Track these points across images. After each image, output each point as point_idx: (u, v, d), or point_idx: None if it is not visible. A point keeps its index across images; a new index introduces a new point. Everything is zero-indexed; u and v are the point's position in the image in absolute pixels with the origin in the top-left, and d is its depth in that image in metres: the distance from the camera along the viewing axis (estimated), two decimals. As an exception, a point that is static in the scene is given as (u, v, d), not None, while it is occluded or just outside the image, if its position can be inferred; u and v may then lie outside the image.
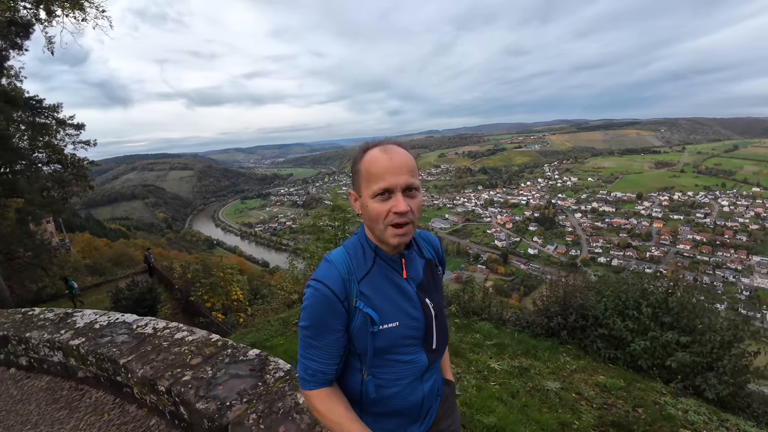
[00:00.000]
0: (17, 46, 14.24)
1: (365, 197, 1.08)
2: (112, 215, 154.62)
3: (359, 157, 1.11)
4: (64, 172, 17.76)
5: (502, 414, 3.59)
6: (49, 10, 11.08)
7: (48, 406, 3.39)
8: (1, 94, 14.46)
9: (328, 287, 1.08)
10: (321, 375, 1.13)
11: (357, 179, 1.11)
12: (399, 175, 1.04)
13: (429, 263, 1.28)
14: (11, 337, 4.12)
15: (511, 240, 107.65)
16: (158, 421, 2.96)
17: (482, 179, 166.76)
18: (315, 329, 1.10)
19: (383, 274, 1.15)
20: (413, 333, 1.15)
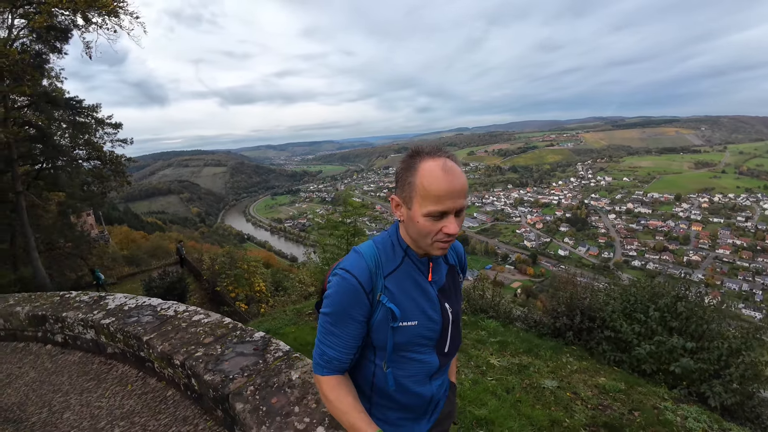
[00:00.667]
0: (56, 49, 15.27)
1: (416, 213, 1.05)
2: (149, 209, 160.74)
3: (412, 166, 1.06)
4: (103, 169, 18.81)
5: (494, 407, 3.70)
6: (86, 17, 11.79)
7: (79, 378, 3.82)
8: (43, 95, 15.49)
9: (356, 277, 1.10)
10: (336, 362, 1.15)
11: (407, 190, 1.07)
12: (457, 199, 1.03)
13: (452, 269, 1.31)
14: (49, 316, 4.60)
15: (541, 240, 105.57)
16: (174, 392, 3.32)
17: (512, 178, 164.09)
18: (337, 317, 1.11)
19: (409, 273, 1.16)
20: (429, 334, 1.17)
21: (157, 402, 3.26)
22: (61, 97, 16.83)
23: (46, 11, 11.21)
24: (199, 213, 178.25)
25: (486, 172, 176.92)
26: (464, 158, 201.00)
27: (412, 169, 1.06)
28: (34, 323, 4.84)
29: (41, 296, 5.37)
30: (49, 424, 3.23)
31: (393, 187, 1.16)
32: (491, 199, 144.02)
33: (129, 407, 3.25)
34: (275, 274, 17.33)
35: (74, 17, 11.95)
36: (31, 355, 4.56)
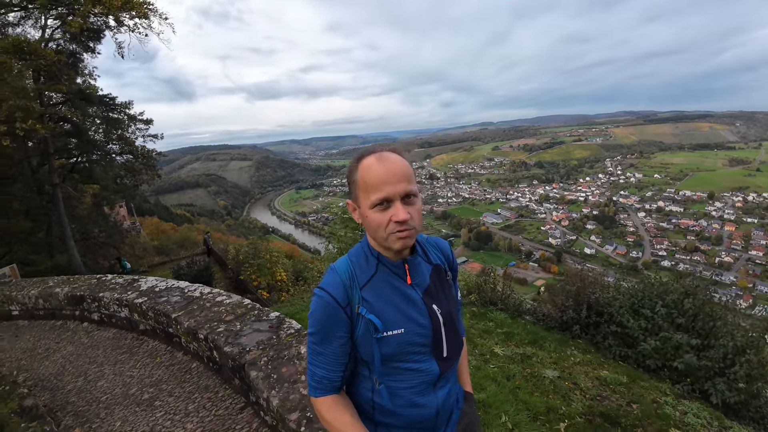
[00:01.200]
0: (90, 49, 16.18)
1: (364, 208, 1.07)
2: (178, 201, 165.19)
3: (354, 167, 1.10)
4: (135, 162, 19.68)
5: (493, 392, 3.83)
6: (118, 19, 12.39)
7: (113, 351, 4.25)
8: (78, 92, 16.39)
9: (330, 294, 1.09)
10: (327, 382, 1.14)
11: (354, 190, 1.10)
12: (396, 183, 1.03)
13: (437, 269, 1.26)
14: (87, 296, 5.06)
15: (566, 238, 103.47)
16: (198, 364, 3.69)
17: (538, 173, 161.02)
18: (320, 336, 1.11)
19: (386, 280, 1.14)
20: (420, 340, 1.13)
21: (182, 372, 3.63)
22: (95, 94, 17.76)
23: (81, 16, 11.85)
24: (225, 206, 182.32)
25: (511, 167, 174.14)
26: (488, 153, 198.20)
27: (355, 169, 1.09)
28: (72, 303, 5.32)
29: (79, 279, 5.87)
30: (84, 391, 3.65)
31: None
32: (515, 195, 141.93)
33: (158, 377, 3.63)
34: (296, 265, 17.86)
35: (107, 19, 12.56)
36: (69, 332, 5.04)
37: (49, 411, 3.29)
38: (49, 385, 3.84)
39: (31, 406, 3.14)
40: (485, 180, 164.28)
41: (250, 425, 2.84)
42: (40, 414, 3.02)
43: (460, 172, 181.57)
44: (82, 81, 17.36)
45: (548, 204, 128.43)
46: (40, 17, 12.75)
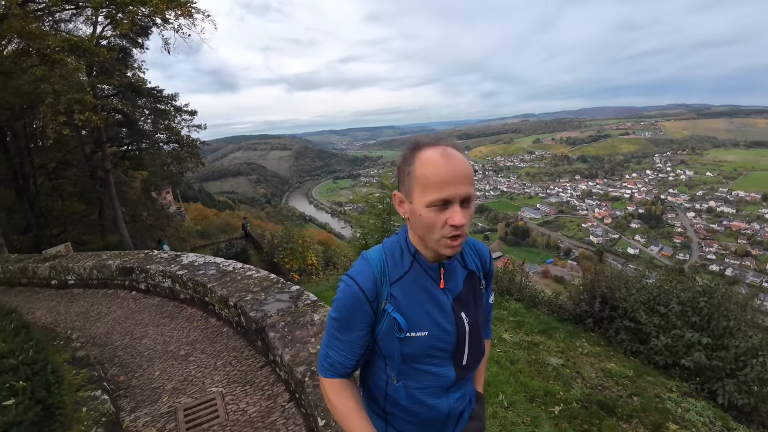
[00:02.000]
0: (138, 44, 17.37)
1: (418, 205, 1.00)
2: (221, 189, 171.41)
3: (410, 157, 1.02)
4: (180, 151, 20.96)
5: (494, 373, 3.98)
6: (164, 17, 13.22)
7: (156, 316, 4.85)
8: (128, 85, 17.64)
9: (359, 285, 1.07)
10: (339, 366, 1.14)
11: (408, 183, 1.02)
12: (459, 185, 0.97)
13: (471, 275, 1.21)
14: (135, 268, 5.70)
15: (608, 236, 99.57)
16: (228, 329, 4.20)
17: (581, 168, 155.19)
18: (341, 322, 1.10)
19: (418, 280, 1.10)
20: (443, 345, 1.11)
21: (214, 335, 4.15)
22: (144, 87, 19.08)
23: (130, 19, 12.76)
24: (265, 194, 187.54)
25: (552, 161, 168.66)
26: (529, 146, 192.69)
27: (411, 160, 1.02)
28: (122, 274, 6.00)
29: (129, 253, 6.57)
30: (130, 347, 4.26)
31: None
32: (556, 189, 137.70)
33: (193, 337, 4.17)
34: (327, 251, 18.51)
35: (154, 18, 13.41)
36: (119, 299, 5.73)
37: (98, 362, 3.87)
38: (99, 342, 4.47)
39: (82, 356, 3.71)
40: (524, 173, 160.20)
41: (267, 380, 3.30)
42: (90, 363, 3.58)
43: (499, 165, 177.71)
44: (131, 74, 18.64)
45: (590, 200, 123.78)
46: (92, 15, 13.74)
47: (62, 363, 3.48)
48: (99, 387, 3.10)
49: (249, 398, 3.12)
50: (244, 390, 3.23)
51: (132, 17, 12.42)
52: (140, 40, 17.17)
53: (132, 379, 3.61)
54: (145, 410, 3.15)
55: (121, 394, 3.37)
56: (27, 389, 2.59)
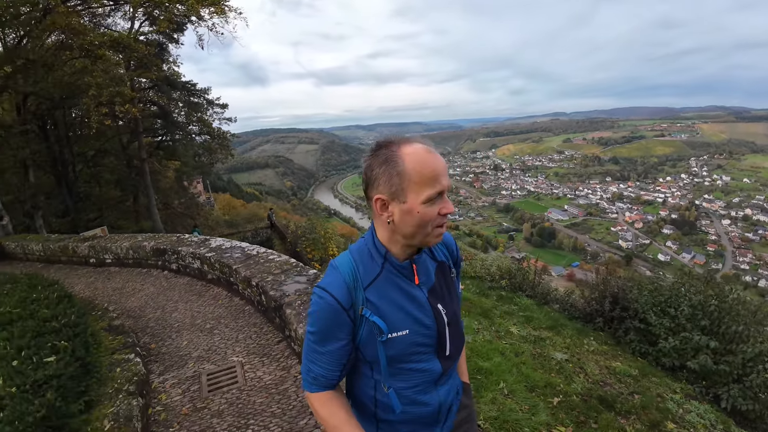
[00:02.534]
0: (174, 40, 18.19)
1: (413, 202, 0.99)
2: (249, 180, 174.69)
3: (394, 156, 1.01)
4: (212, 142, 21.89)
5: (497, 362, 4.10)
6: (198, 14, 13.80)
7: (185, 293, 5.27)
8: (164, 79, 18.51)
9: (333, 296, 1.05)
10: (323, 379, 1.12)
11: (396, 183, 1.00)
12: (446, 177, 1.02)
13: (441, 266, 1.23)
14: (168, 249, 6.15)
15: (638, 242, 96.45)
16: (250, 308, 4.55)
17: (612, 170, 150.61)
18: (319, 336, 1.08)
19: (392, 280, 1.10)
20: (425, 341, 1.11)
21: (237, 312, 4.52)
22: (179, 81, 20.05)
23: (167, 17, 13.39)
24: (291, 187, 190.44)
25: (582, 161, 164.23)
26: (559, 145, 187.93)
27: (394, 159, 1.00)
28: (156, 254, 6.46)
29: (163, 236, 7.05)
30: (161, 320, 4.68)
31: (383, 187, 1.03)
32: (585, 191, 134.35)
33: (218, 313, 4.55)
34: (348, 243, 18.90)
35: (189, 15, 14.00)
36: (152, 277, 6.19)
37: (132, 331, 4.29)
38: (134, 314, 4.92)
39: (118, 325, 4.12)
40: (553, 174, 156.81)
41: (282, 353, 3.62)
42: (124, 331, 3.99)
43: (527, 164, 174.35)
44: (167, 68, 19.56)
45: (621, 203, 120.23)
46: (129, 10, 14.45)
47: (100, 330, 3.89)
48: (132, 351, 3.48)
49: (265, 368, 3.44)
50: (261, 360, 3.56)
51: (169, 15, 13.03)
52: (176, 35, 17.98)
53: (162, 347, 4.02)
54: (173, 374, 3.53)
55: (152, 359, 3.77)
56: (68, 348, 2.96)
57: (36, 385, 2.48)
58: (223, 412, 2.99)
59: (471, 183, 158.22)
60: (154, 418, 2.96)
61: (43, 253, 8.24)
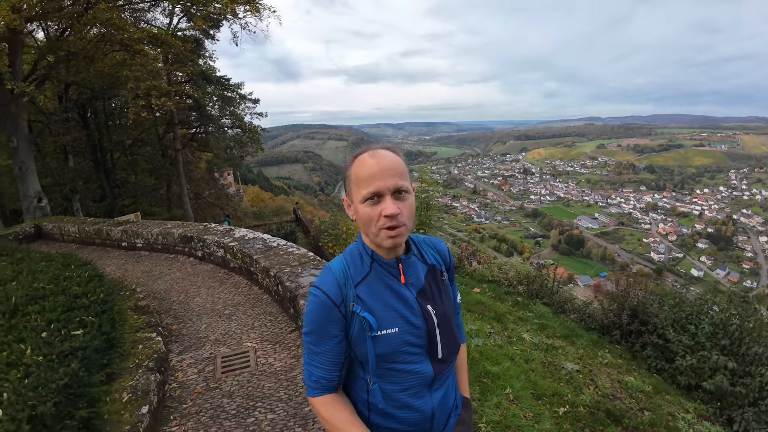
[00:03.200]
0: (210, 36, 18.82)
1: (356, 202, 1.08)
2: (278, 174, 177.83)
3: (350, 163, 1.13)
4: (243, 136, 22.59)
5: (506, 367, 4.06)
6: (234, 12, 14.19)
7: (208, 280, 5.52)
8: (200, 73, 19.29)
9: (324, 292, 1.10)
10: (324, 382, 1.15)
11: (348, 185, 1.12)
12: (387, 178, 1.05)
13: (432, 269, 1.26)
14: (195, 237, 6.41)
15: (671, 255, 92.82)
16: (267, 297, 4.73)
17: (647, 179, 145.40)
18: (315, 335, 1.12)
19: (380, 279, 1.15)
20: (415, 340, 1.14)
21: (255, 301, 4.71)
22: (213, 75, 20.81)
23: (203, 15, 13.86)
24: (319, 182, 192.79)
25: (616, 169, 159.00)
26: (592, 151, 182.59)
27: (350, 165, 1.12)
28: (183, 241, 6.75)
29: (191, 224, 7.35)
30: (183, 303, 4.94)
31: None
32: (618, 199, 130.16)
33: (237, 300, 4.76)
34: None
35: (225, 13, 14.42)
36: (178, 263, 6.48)
37: (156, 312, 4.54)
38: (159, 296, 5.20)
39: (144, 306, 4.36)
40: (585, 180, 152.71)
41: (294, 342, 3.78)
42: (149, 311, 4.23)
43: (558, 169, 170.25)
44: (203, 63, 20.29)
45: (655, 214, 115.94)
46: (168, 6, 14.98)
47: (126, 309, 4.14)
48: (155, 331, 3.69)
49: (277, 355, 3.61)
50: (273, 348, 3.74)
51: (205, 13, 13.47)
52: (212, 32, 18.63)
53: (183, 328, 4.25)
54: (190, 354, 3.75)
55: (172, 340, 4.00)
56: (95, 323, 3.19)
57: (62, 356, 2.68)
58: (233, 393, 3.16)
59: (499, 186, 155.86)
60: (170, 394, 3.16)
61: (79, 234, 8.70)
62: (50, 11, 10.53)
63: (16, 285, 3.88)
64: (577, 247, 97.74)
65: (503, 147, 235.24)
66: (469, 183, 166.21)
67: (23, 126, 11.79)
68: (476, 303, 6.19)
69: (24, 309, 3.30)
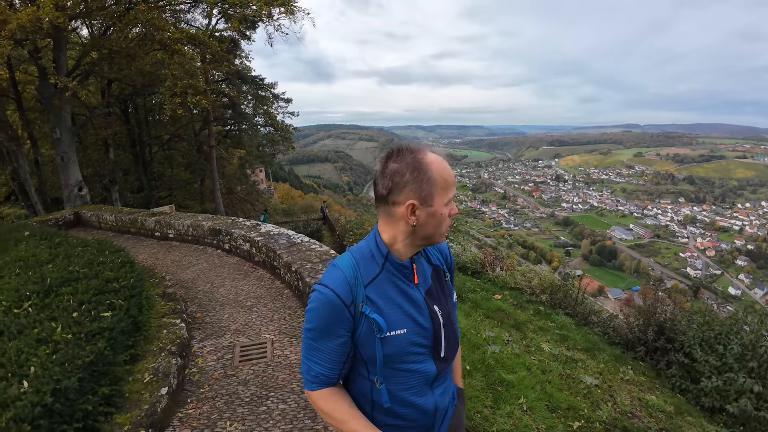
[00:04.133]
0: (246, 37, 19.37)
1: (439, 205, 1.07)
2: (308, 173, 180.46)
3: (421, 163, 1.06)
4: (275, 134, 23.18)
5: (521, 377, 3.91)
6: (270, 13, 14.53)
7: (233, 272, 5.73)
8: (235, 73, 19.87)
9: (334, 291, 1.07)
10: (323, 378, 1.13)
11: (427, 188, 1.06)
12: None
13: (436, 270, 1.27)
14: (223, 230, 6.63)
15: (709, 271, 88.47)
16: (288, 291, 4.87)
17: (686, 190, 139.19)
18: (318, 332, 1.09)
19: (391, 280, 1.14)
20: (422, 341, 1.14)
21: (276, 294, 4.86)
22: (248, 75, 21.48)
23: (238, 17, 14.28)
24: (348, 182, 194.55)
25: (654, 178, 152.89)
26: (629, 160, 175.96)
27: (423, 166, 1.06)
28: (212, 234, 6.98)
29: (220, 218, 7.62)
30: (208, 293, 5.14)
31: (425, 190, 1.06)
32: (655, 211, 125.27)
33: (259, 293, 4.92)
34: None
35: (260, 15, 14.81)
36: (206, 255, 6.73)
37: (182, 299, 4.74)
38: (186, 285, 5.44)
39: (171, 293, 4.56)
40: (620, 189, 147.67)
41: (311, 337, 3.85)
42: (175, 299, 4.43)
43: (592, 177, 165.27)
44: (239, 62, 20.93)
45: (693, 228, 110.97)
46: (207, 8, 15.48)
47: (155, 295, 4.34)
48: (179, 317, 3.87)
49: (293, 348, 3.72)
50: (290, 341, 3.85)
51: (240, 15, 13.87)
52: (248, 33, 19.20)
53: (206, 317, 4.44)
54: (211, 341, 3.91)
55: (195, 327, 4.17)
56: (123, 307, 3.37)
57: (90, 335, 2.85)
58: (248, 382, 3.28)
59: (530, 192, 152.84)
60: (189, 378, 3.31)
61: (115, 223, 9.12)
62: (93, 10, 11.03)
63: (52, 267, 4.12)
64: (609, 259, 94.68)
65: (535, 152, 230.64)
66: (499, 188, 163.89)
67: (66, 118, 12.43)
68: (496, 310, 6.12)
69: (58, 290, 3.51)
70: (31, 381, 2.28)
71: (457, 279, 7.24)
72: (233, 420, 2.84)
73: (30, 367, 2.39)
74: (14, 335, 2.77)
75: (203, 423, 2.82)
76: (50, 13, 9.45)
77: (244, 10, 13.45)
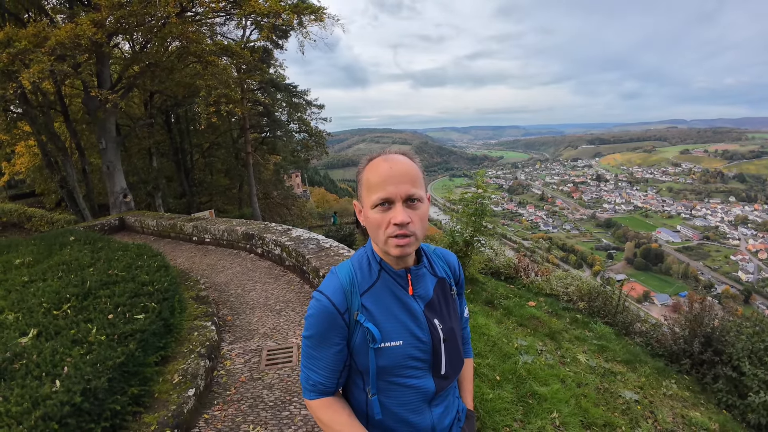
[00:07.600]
0: (278, 46, 20.12)
1: (366, 207, 1.06)
2: (343, 177, 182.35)
3: (362, 166, 1.10)
4: (309, 140, 23.85)
5: (554, 390, 3.79)
6: (301, 21, 14.82)
7: (264, 276, 5.86)
8: (269, 81, 20.62)
9: (329, 299, 1.07)
10: (321, 386, 1.12)
11: (359, 189, 1.10)
12: (399, 184, 1.01)
13: (441, 282, 1.22)
14: (255, 235, 6.79)
15: (762, 275, 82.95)
16: (316, 297, 4.93)
17: (737, 188, 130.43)
18: (315, 340, 1.09)
19: (388, 288, 1.11)
20: (419, 355, 1.10)
21: (305, 299, 4.93)
22: (282, 83, 22.12)
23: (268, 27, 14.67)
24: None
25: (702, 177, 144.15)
26: (675, 157, 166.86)
27: (362, 169, 1.09)
28: (245, 238, 7.17)
29: (253, 223, 7.82)
30: (240, 296, 5.28)
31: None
32: (704, 211, 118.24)
33: (288, 297, 5.02)
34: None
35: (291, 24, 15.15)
36: (240, 258, 6.91)
37: (215, 302, 4.89)
38: (219, 288, 5.62)
39: (204, 296, 4.71)
40: (666, 189, 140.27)
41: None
42: (208, 302, 4.57)
43: (635, 176, 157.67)
44: (273, 71, 21.62)
45: (745, 229, 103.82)
46: (241, 20, 15.98)
47: (188, 298, 4.49)
48: (210, 320, 3.98)
49: (318, 354, 3.71)
50: (316, 346, 3.84)
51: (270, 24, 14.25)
52: (280, 42, 19.89)
53: (236, 320, 4.57)
54: (240, 344, 4.01)
55: (226, 330, 4.29)
56: (156, 309, 3.48)
57: (122, 336, 2.97)
58: (273, 386, 3.33)
59: (569, 193, 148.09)
60: (217, 380, 3.40)
61: (156, 228, 9.53)
62: (129, 26, 11.52)
63: (93, 270, 4.33)
64: (654, 262, 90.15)
65: (574, 152, 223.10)
66: (536, 189, 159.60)
67: (111, 129, 13.13)
68: (530, 317, 5.93)
69: (96, 292, 3.69)
70: (63, 381, 2.39)
71: (490, 284, 7.09)
72: (256, 424, 2.88)
73: (63, 367, 2.52)
74: (52, 336, 2.93)
75: (227, 425, 2.88)
76: (88, 29, 9.89)
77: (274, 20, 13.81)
